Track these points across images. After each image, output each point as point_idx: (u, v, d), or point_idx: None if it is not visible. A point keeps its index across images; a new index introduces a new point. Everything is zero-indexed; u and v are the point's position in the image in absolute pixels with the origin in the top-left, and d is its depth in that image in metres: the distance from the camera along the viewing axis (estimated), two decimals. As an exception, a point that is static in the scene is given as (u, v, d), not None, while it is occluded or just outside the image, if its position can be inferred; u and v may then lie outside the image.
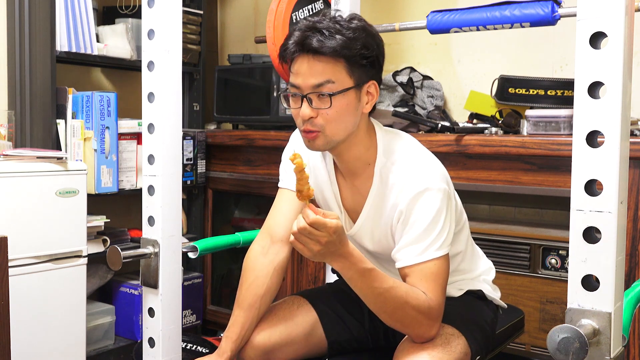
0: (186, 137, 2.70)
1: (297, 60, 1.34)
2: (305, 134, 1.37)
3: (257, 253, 1.53)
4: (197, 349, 2.23)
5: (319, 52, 1.31)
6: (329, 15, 1.37)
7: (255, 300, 1.49)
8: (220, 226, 2.99)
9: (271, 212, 1.57)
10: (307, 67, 1.33)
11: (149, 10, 1.58)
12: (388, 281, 1.29)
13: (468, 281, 1.56)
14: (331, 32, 1.31)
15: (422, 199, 1.34)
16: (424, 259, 1.33)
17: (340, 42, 1.31)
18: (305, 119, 1.34)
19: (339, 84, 1.32)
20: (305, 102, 1.34)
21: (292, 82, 1.36)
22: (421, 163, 1.40)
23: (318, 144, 1.37)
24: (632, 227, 1.89)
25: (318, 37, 1.31)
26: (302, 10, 2.23)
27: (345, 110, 1.34)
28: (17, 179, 1.97)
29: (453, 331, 1.39)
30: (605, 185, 1.04)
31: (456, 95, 2.69)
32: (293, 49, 1.34)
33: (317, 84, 1.32)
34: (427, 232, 1.34)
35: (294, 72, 1.35)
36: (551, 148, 1.98)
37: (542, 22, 1.62)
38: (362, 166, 1.44)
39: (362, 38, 1.33)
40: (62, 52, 2.33)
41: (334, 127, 1.35)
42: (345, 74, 1.33)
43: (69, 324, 2.11)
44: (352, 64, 1.33)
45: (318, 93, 1.32)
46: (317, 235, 1.20)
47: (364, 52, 1.33)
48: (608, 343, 1.04)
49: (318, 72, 1.32)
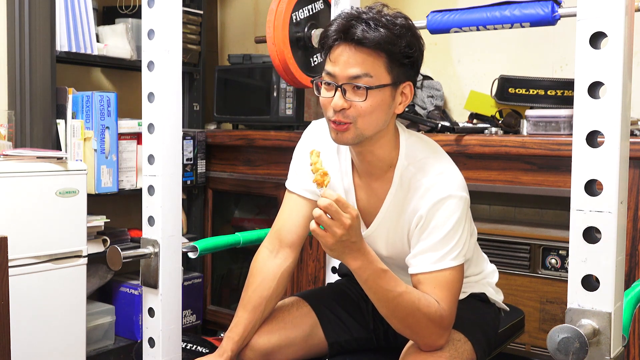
0: (186, 137, 2.70)
1: (337, 48, 1.29)
2: (335, 126, 1.32)
3: (265, 256, 1.52)
4: (197, 349, 2.23)
5: (361, 42, 1.26)
6: (376, 8, 1.32)
7: (260, 302, 1.48)
8: (220, 226, 2.99)
9: (280, 215, 1.54)
10: (347, 56, 1.28)
11: (149, 10, 1.58)
12: (401, 285, 1.27)
13: (472, 284, 1.56)
14: (377, 24, 1.27)
15: (444, 206, 1.32)
16: (439, 267, 1.31)
17: (385, 36, 1.26)
18: (337, 110, 1.30)
19: (376, 79, 1.28)
20: (339, 92, 1.29)
21: (329, 70, 1.31)
22: (444, 170, 1.37)
23: (347, 137, 1.32)
24: (632, 227, 1.89)
25: (363, 27, 1.26)
26: (302, 10, 2.24)
27: (379, 106, 1.30)
28: (17, 179, 1.97)
29: (460, 337, 1.39)
30: (605, 185, 1.04)
31: (456, 95, 2.69)
32: (335, 36, 1.29)
33: (354, 76, 1.28)
34: (446, 241, 1.32)
35: (332, 60, 1.30)
36: (551, 148, 1.98)
37: (542, 22, 1.62)
38: (384, 167, 1.40)
39: (408, 36, 1.29)
40: (62, 52, 2.33)
41: (366, 121, 1.30)
42: (384, 69, 1.29)
43: (69, 324, 2.11)
44: (393, 61, 1.29)
45: (354, 85, 1.28)
46: (341, 216, 1.17)
47: (407, 51, 1.29)
48: (608, 343, 1.04)
49: (357, 63, 1.27)
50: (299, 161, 1.54)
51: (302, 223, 1.51)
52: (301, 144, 1.55)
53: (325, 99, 1.32)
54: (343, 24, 1.28)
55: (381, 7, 1.33)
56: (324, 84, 1.32)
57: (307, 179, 1.50)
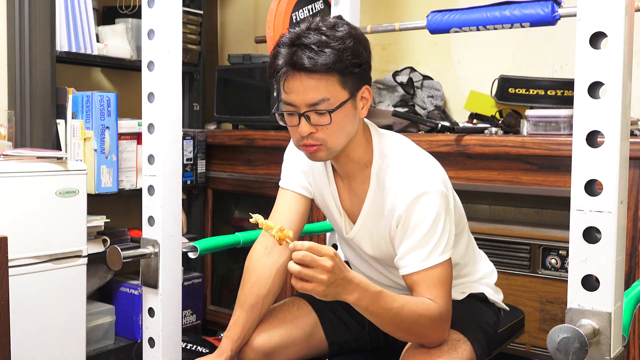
0: (186, 137, 2.70)
1: (289, 79, 1.30)
2: (306, 148, 1.35)
3: (259, 254, 1.52)
4: (197, 349, 2.23)
5: (311, 70, 1.27)
6: (313, 24, 1.32)
7: (258, 301, 1.48)
8: (220, 226, 2.99)
9: (273, 212, 1.56)
10: (300, 84, 1.29)
11: (149, 10, 1.58)
12: (398, 299, 1.27)
13: (470, 284, 1.56)
14: (320, 46, 1.27)
15: (420, 203, 1.33)
16: (428, 265, 1.32)
17: (332, 56, 1.27)
18: (305, 135, 1.33)
19: (334, 99, 1.30)
20: (304, 119, 1.31)
21: (287, 100, 1.32)
22: (416, 165, 1.39)
23: (320, 156, 1.36)
24: (632, 227, 1.89)
25: (307, 54, 1.27)
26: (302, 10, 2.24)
27: (344, 122, 1.33)
28: (17, 179, 1.97)
29: (459, 337, 1.39)
30: (605, 185, 1.04)
31: (456, 95, 2.69)
32: (284, 69, 1.29)
33: (313, 102, 1.29)
34: (428, 237, 1.33)
35: (287, 91, 1.31)
36: (551, 148, 1.98)
37: (542, 22, 1.62)
38: (360, 168, 1.43)
39: (351, 46, 1.29)
40: (62, 52, 2.33)
41: (335, 139, 1.34)
42: (339, 87, 1.30)
43: (69, 324, 2.11)
44: (345, 75, 1.30)
45: (316, 111, 1.30)
46: (319, 262, 1.14)
47: (355, 61, 1.30)
48: (608, 343, 1.04)
49: (312, 89, 1.28)
50: (289, 161, 1.57)
51: (296, 219, 1.53)
52: (290, 145, 1.58)
53: (291, 127, 1.35)
54: (288, 55, 1.28)
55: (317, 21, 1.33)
56: (286, 114, 1.34)
57: (299, 177, 1.54)
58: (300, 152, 1.48)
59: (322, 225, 2.01)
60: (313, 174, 1.53)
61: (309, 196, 1.55)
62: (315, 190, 1.54)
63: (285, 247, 1.51)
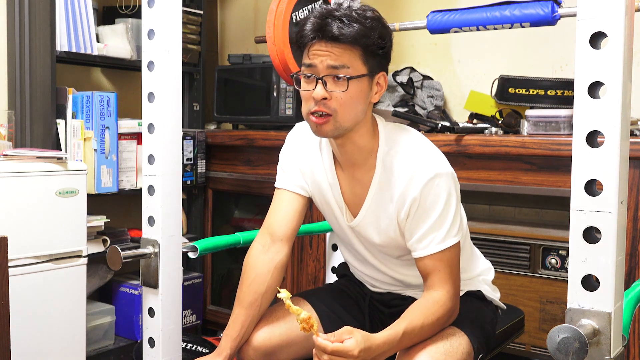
0: (186, 137, 2.70)
1: (315, 45, 1.34)
2: (316, 118, 1.36)
3: (257, 251, 1.53)
4: (197, 349, 2.24)
5: (338, 39, 1.31)
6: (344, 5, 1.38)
7: (256, 298, 1.49)
8: (220, 226, 2.99)
9: (270, 211, 1.57)
10: (325, 51, 1.33)
11: (149, 10, 1.58)
12: (417, 321, 1.33)
13: (467, 282, 1.56)
14: (350, 20, 1.32)
15: (435, 184, 1.37)
16: (444, 247, 1.38)
17: (359, 30, 1.32)
18: (318, 99, 1.34)
19: (354, 70, 1.33)
20: (320, 83, 1.33)
21: (308, 63, 1.35)
22: (425, 150, 1.42)
23: (327, 129, 1.36)
24: (632, 227, 1.89)
25: (337, 24, 1.31)
26: (302, 10, 2.23)
27: (358, 96, 1.35)
28: (17, 179, 1.97)
29: (454, 331, 1.40)
30: (605, 185, 1.04)
31: (456, 95, 2.69)
32: (312, 35, 1.34)
33: (334, 66, 1.32)
34: (443, 217, 1.38)
35: (310, 55, 1.35)
36: (551, 148, 1.98)
37: (542, 22, 1.62)
38: (364, 156, 1.44)
39: (379, 28, 1.35)
40: (62, 52, 2.33)
41: (346, 112, 1.35)
42: (360, 61, 1.34)
43: (69, 324, 2.11)
44: (368, 53, 1.34)
45: (334, 75, 1.33)
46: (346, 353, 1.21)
47: (380, 42, 1.35)
48: (608, 343, 1.04)
49: (335, 56, 1.32)
50: (285, 160, 1.58)
51: (293, 217, 1.54)
52: (286, 145, 1.59)
53: (306, 91, 1.37)
54: (318, 23, 1.33)
55: (350, 2, 1.41)
56: (304, 77, 1.37)
57: (295, 175, 1.55)
58: (296, 151, 1.50)
59: (322, 225, 2.01)
60: (311, 170, 1.53)
61: (305, 195, 1.55)
62: (313, 187, 1.54)
63: (282, 245, 1.52)
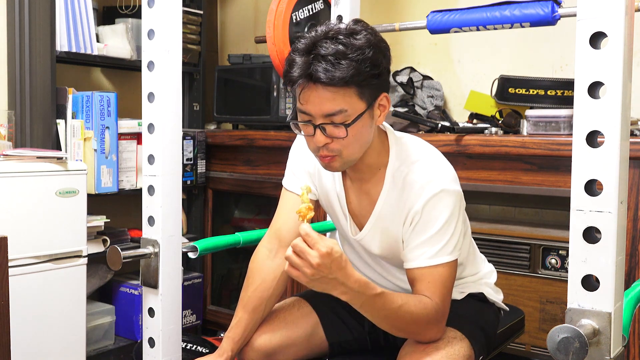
0: (186, 137, 2.70)
1: (304, 89, 1.25)
2: (322, 158, 1.32)
3: (264, 256, 1.52)
4: (197, 349, 2.23)
5: (327, 84, 1.22)
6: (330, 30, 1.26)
7: (260, 303, 1.48)
8: (220, 226, 2.99)
9: (277, 214, 1.54)
10: (316, 95, 1.24)
11: (149, 10, 1.58)
12: (396, 300, 1.27)
13: (470, 284, 1.56)
14: (337, 57, 1.21)
15: (438, 200, 1.33)
16: (435, 263, 1.33)
17: (349, 68, 1.21)
18: (320, 146, 1.29)
19: (351, 111, 1.25)
20: (319, 130, 1.27)
21: (303, 109, 1.27)
22: (436, 165, 1.38)
23: (335, 166, 1.33)
24: (632, 227, 1.89)
25: (324, 66, 1.21)
26: (302, 10, 2.23)
27: (361, 132, 1.29)
28: (17, 179, 1.97)
29: (456, 334, 1.39)
30: (605, 185, 1.04)
31: (456, 95, 2.69)
32: (300, 81, 1.25)
33: (329, 113, 1.25)
34: (441, 234, 1.33)
35: (303, 101, 1.27)
36: (551, 148, 1.98)
37: (542, 22, 1.62)
38: (373, 171, 1.41)
39: (370, 56, 1.24)
40: (62, 52, 2.33)
41: (351, 149, 1.31)
42: (356, 98, 1.25)
43: (69, 324, 2.11)
44: (363, 87, 1.25)
45: (332, 122, 1.26)
46: (307, 255, 1.15)
47: (374, 72, 1.25)
48: (608, 343, 1.04)
49: (328, 101, 1.24)
50: (295, 160, 1.55)
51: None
52: (296, 143, 1.56)
53: (307, 136, 1.31)
54: (304, 65, 1.23)
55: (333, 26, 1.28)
56: (302, 124, 1.30)
57: (304, 178, 1.52)
58: (306, 153, 1.46)
59: (323, 225, 2.01)
60: (319, 176, 1.51)
61: (313, 198, 1.53)
62: (321, 192, 1.53)
63: None
